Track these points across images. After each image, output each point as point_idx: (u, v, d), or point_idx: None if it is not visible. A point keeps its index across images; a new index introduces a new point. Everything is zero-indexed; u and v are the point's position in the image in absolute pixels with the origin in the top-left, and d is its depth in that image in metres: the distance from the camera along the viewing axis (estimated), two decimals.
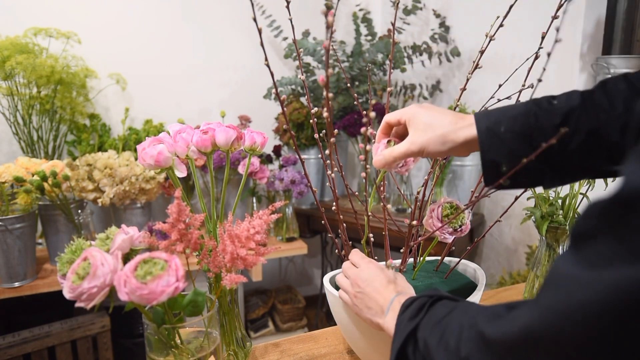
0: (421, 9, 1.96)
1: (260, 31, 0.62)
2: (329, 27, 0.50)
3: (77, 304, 0.53)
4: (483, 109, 0.80)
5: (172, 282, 0.50)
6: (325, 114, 0.58)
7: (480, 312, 0.44)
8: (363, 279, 0.66)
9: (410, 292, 0.64)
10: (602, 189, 0.90)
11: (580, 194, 0.94)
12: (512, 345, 0.37)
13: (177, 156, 0.72)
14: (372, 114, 0.54)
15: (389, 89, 0.82)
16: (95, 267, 0.52)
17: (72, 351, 1.41)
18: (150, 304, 0.50)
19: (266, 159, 1.91)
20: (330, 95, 0.55)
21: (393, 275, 0.66)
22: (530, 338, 0.35)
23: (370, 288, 0.64)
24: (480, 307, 0.47)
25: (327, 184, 0.78)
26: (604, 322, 0.30)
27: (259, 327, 2.15)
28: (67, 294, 0.53)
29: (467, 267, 0.86)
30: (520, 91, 0.76)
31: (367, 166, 0.64)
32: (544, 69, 0.73)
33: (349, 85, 0.97)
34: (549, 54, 0.70)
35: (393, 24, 0.75)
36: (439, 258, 0.86)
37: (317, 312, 2.29)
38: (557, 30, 0.66)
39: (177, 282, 0.50)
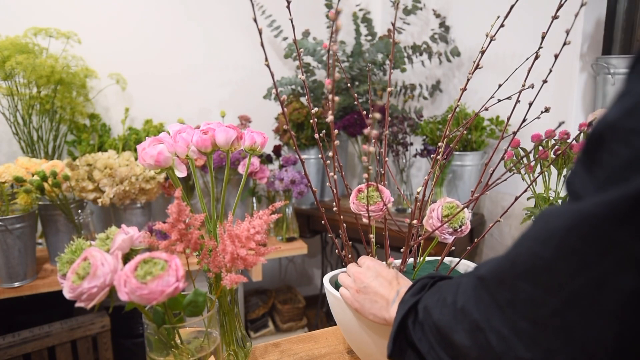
0: (421, 9, 1.95)
1: (260, 31, 0.62)
2: (337, 30, 0.50)
3: (77, 304, 0.53)
4: (483, 109, 0.80)
5: (172, 282, 0.50)
6: (329, 118, 0.58)
7: (483, 264, 0.46)
8: (367, 275, 0.66)
9: (409, 284, 0.65)
10: None
11: None
12: (501, 277, 0.40)
13: (177, 156, 0.72)
14: (377, 115, 0.54)
15: (389, 89, 0.82)
16: (95, 267, 0.52)
17: (72, 351, 1.41)
18: (150, 304, 0.50)
19: (266, 159, 1.91)
20: (336, 98, 0.55)
21: (395, 273, 0.67)
22: (515, 267, 0.39)
23: (376, 282, 0.64)
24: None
25: (327, 184, 0.78)
26: (569, 241, 0.34)
27: (259, 327, 2.15)
28: (67, 294, 0.53)
29: (468, 267, 0.86)
30: (520, 91, 0.76)
31: (370, 167, 0.64)
32: (550, 70, 0.74)
33: (349, 85, 0.97)
34: (556, 56, 0.70)
35: (393, 24, 0.75)
36: (439, 258, 0.86)
37: (317, 312, 2.29)
38: (567, 32, 0.66)
39: (177, 282, 0.50)
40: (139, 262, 0.51)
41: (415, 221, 0.74)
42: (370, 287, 0.65)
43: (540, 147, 1.02)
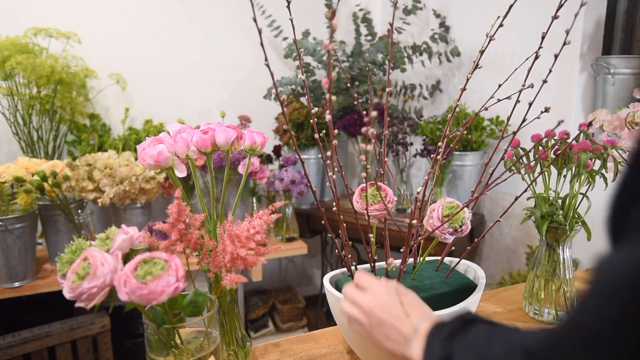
0: (421, 9, 1.95)
1: (260, 31, 0.62)
2: (333, 30, 0.50)
3: (77, 304, 0.53)
4: (483, 109, 0.80)
5: (172, 282, 0.50)
6: (327, 117, 0.58)
7: (527, 333, 0.40)
8: (380, 307, 0.58)
9: (433, 315, 0.58)
10: (602, 189, 0.90)
11: (580, 194, 0.94)
12: (549, 345, 0.35)
13: (177, 156, 0.72)
14: (374, 113, 0.54)
15: (388, 89, 0.82)
16: (95, 267, 0.52)
17: (72, 351, 1.40)
18: (151, 304, 0.50)
19: (266, 159, 1.91)
20: (334, 98, 0.55)
21: (409, 295, 0.60)
22: (579, 333, 0.33)
23: (390, 315, 0.57)
24: (526, 330, 0.43)
25: (327, 184, 0.78)
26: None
27: (259, 327, 2.15)
28: (67, 294, 0.53)
29: (468, 267, 0.86)
30: (520, 91, 0.76)
31: (368, 167, 0.64)
32: (550, 70, 0.74)
33: (349, 85, 0.97)
34: (556, 56, 0.70)
35: (391, 24, 0.75)
36: (439, 258, 0.86)
37: (317, 312, 2.29)
38: (567, 32, 0.66)
39: (177, 282, 0.50)
40: (139, 262, 0.51)
41: (415, 221, 0.74)
42: (384, 324, 0.57)
43: (540, 147, 1.02)
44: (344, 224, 0.80)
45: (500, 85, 0.77)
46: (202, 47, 2.07)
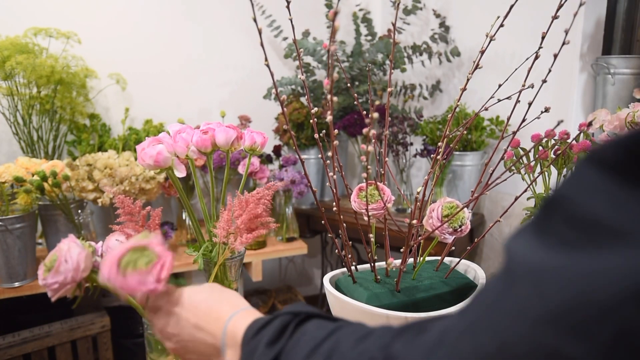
0: (421, 9, 1.95)
1: (260, 31, 0.62)
2: (335, 31, 0.50)
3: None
4: (483, 109, 0.80)
5: (149, 281, 0.47)
6: (328, 118, 0.58)
7: (399, 335, 0.32)
8: (173, 325, 0.50)
9: (249, 307, 0.49)
10: None
11: None
12: None
13: (177, 156, 0.72)
14: (376, 115, 0.54)
15: (389, 89, 0.82)
16: (59, 262, 0.51)
17: (72, 351, 1.41)
18: (125, 295, 0.48)
19: (266, 159, 1.91)
20: (336, 98, 0.55)
21: (215, 292, 0.52)
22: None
23: (187, 331, 0.49)
24: (385, 328, 0.35)
25: (327, 184, 0.78)
26: None
27: None
28: (40, 282, 0.53)
29: (468, 267, 0.86)
30: (520, 91, 0.76)
31: (369, 167, 0.64)
32: (550, 70, 0.73)
33: (349, 85, 0.97)
34: (555, 56, 0.70)
35: (394, 24, 0.75)
36: (439, 258, 0.86)
37: None
38: (566, 32, 0.66)
39: (155, 283, 0.47)
40: (131, 248, 0.48)
41: (415, 221, 0.74)
42: (184, 340, 0.50)
43: (540, 147, 1.02)
44: (344, 224, 0.80)
45: (500, 86, 0.77)
46: (202, 47, 2.07)
